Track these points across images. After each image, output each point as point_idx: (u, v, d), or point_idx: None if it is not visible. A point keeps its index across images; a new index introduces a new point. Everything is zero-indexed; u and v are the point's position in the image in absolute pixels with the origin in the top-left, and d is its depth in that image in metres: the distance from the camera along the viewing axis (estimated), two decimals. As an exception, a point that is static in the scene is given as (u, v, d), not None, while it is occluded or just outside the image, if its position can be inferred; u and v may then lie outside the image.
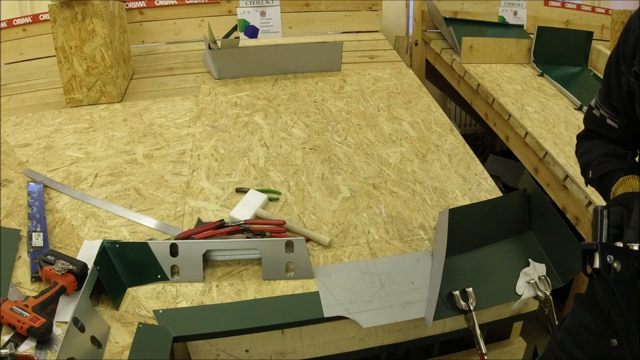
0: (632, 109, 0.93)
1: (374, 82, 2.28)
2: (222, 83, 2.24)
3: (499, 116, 2.19)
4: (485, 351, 1.18)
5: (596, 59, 2.63)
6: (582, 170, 1.07)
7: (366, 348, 1.27)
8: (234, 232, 1.34)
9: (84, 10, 1.91)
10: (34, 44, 2.62)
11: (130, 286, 1.21)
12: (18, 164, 1.65)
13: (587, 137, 1.08)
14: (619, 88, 0.95)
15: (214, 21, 2.64)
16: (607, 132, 1.02)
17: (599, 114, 1.02)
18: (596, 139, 1.05)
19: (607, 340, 0.93)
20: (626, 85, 0.92)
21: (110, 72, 2.03)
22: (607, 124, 1.01)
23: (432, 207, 1.51)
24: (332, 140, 1.82)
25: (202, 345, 1.19)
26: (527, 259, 1.32)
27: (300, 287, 1.22)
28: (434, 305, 1.15)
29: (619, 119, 0.98)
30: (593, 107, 1.04)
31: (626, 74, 0.91)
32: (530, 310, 1.34)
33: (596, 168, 1.00)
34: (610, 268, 0.73)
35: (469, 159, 1.75)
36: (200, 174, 1.61)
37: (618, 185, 0.92)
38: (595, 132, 1.05)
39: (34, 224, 1.35)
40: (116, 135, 1.83)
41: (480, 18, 2.90)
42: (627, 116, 0.96)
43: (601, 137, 1.04)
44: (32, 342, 1.01)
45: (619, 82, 0.94)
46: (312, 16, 2.85)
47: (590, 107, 1.05)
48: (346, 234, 1.39)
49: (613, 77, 0.96)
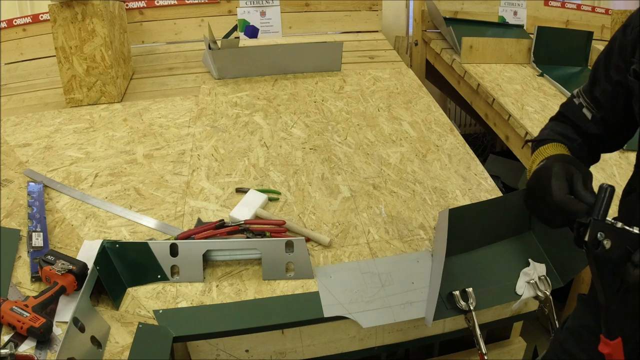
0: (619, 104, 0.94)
1: (374, 82, 2.28)
2: (222, 83, 2.24)
3: (499, 116, 2.19)
4: (485, 351, 1.18)
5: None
6: None
7: (366, 348, 1.27)
8: (234, 232, 1.34)
9: (84, 10, 1.91)
10: (34, 44, 2.62)
11: (130, 286, 1.21)
12: (18, 164, 1.65)
13: (556, 119, 1.10)
14: (606, 80, 0.95)
15: (214, 21, 2.64)
16: (577, 119, 1.02)
17: (577, 102, 1.03)
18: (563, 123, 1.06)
19: None
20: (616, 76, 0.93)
21: (110, 72, 2.03)
22: (581, 113, 1.02)
23: (432, 207, 1.51)
24: (332, 140, 1.82)
25: (202, 345, 1.19)
26: (527, 259, 1.32)
27: (300, 287, 1.22)
28: (434, 305, 1.15)
29: (596, 110, 0.99)
30: (574, 96, 1.05)
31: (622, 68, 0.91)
32: (530, 310, 1.34)
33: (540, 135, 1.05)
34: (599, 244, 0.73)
35: (469, 159, 1.75)
36: (200, 174, 1.62)
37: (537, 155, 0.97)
38: (566, 117, 1.06)
39: (34, 224, 1.35)
40: (116, 135, 1.83)
41: (480, 18, 2.90)
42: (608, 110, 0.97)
43: (569, 123, 1.05)
44: (32, 342, 1.01)
45: (607, 74, 0.95)
46: (312, 16, 2.85)
47: (572, 95, 1.06)
48: (346, 234, 1.39)
49: (601, 69, 0.97)
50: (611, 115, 0.97)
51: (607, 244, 0.73)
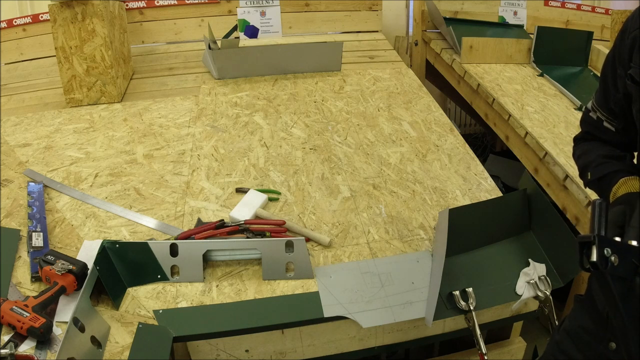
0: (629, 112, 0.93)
1: (374, 82, 2.28)
2: (222, 83, 2.24)
3: (499, 116, 2.19)
4: (485, 351, 1.17)
5: (596, 59, 2.63)
6: (580, 173, 1.06)
7: (366, 348, 1.27)
8: (234, 232, 1.34)
9: (84, 10, 1.91)
10: (34, 44, 2.62)
11: (130, 286, 1.21)
12: (18, 164, 1.65)
13: (584, 140, 1.08)
14: (616, 90, 0.94)
15: (214, 21, 2.64)
16: (604, 134, 1.01)
17: (595, 116, 1.02)
18: (593, 141, 1.04)
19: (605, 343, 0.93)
20: (623, 87, 0.91)
21: (110, 72, 2.03)
22: (604, 127, 1.00)
23: (432, 207, 1.51)
24: (332, 140, 1.82)
25: (202, 345, 1.19)
26: (527, 259, 1.32)
27: (300, 287, 1.22)
28: (434, 305, 1.15)
29: (616, 121, 0.98)
30: (590, 110, 1.03)
31: (623, 76, 0.90)
32: (530, 310, 1.34)
33: (595, 169, 0.99)
34: (607, 261, 0.72)
35: (469, 159, 1.75)
36: (200, 174, 1.61)
37: (619, 186, 0.91)
38: (593, 134, 1.04)
39: (34, 224, 1.35)
40: (116, 135, 1.83)
41: (480, 18, 2.90)
42: (624, 119, 0.96)
43: (598, 139, 1.03)
44: (32, 342, 1.01)
45: (616, 85, 0.94)
46: (312, 16, 2.85)
47: (587, 109, 1.05)
48: (346, 234, 1.39)
49: (610, 80, 0.96)
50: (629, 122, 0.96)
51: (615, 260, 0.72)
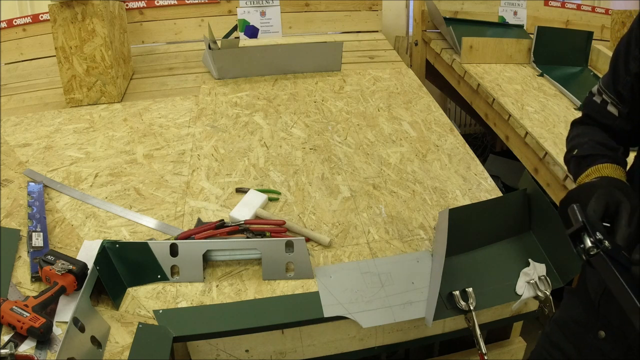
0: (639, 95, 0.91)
1: (374, 82, 2.28)
2: (222, 83, 2.24)
3: (499, 116, 2.19)
4: (485, 351, 1.17)
5: (596, 59, 2.63)
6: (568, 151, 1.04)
7: (366, 348, 1.27)
8: (234, 232, 1.34)
9: (84, 10, 1.91)
10: (34, 44, 2.62)
11: (130, 286, 1.21)
12: (18, 164, 1.65)
13: (582, 123, 1.05)
14: (627, 72, 0.92)
15: (214, 21, 2.64)
16: (605, 119, 0.99)
17: (599, 100, 0.99)
18: (592, 126, 1.02)
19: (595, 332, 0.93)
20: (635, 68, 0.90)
21: (110, 72, 2.03)
22: (607, 111, 0.98)
23: (432, 207, 1.51)
24: (332, 140, 1.82)
25: (202, 345, 1.19)
26: (527, 259, 1.32)
27: (300, 287, 1.22)
28: (434, 305, 1.15)
29: (622, 105, 0.95)
30: (594, 94, 1.01)
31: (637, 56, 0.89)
32: (530, 310, 1.34)
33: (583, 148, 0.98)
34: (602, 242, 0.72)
35: (469, 159, 1.75)
36: (200, 174, 1.61)
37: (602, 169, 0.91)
38: (593, 118, 1.02)
39: (34, 224, 1.35)
40: (116, 135, 1.83)
41: (480, 18, 2.90)
42: (630, 103, 0.94)
43: (598, 125, 1.01)
44: (32, 342, 1.01)
45: (627, 67, 0.92)
46: (312, 16, 2.85)
47: (590, 93, 1.02)
48: (346, 234, 1.39)
49: (621, 62, 0.94)
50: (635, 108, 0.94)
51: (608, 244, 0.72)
